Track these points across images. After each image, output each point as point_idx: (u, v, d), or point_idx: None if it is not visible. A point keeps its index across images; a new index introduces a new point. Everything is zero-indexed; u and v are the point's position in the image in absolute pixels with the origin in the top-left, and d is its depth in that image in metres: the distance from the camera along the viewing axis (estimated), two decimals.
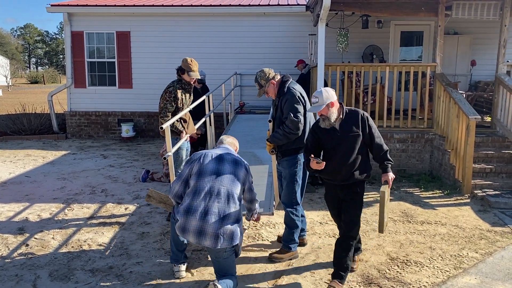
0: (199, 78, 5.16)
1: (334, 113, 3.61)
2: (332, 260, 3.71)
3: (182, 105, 5.03)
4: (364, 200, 6.21)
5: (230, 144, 3.93)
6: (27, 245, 4.67)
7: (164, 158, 4.06)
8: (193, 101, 5.49)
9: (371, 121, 3.74)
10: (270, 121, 4.30)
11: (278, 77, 4.31)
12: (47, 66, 71.40)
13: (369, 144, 3.74)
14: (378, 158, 3.75)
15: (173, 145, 4.62)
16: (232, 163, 3.64)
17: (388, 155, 3.73)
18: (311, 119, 4.28)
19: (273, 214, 4.48)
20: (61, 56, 74.39)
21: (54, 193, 6.56)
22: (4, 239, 4.82)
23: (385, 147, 3.78)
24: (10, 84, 36.50)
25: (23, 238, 4.86)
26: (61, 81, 46.09)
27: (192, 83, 5.09)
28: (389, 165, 3.71)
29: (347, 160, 3.62)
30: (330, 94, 3.61)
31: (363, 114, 3.71)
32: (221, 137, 4.03)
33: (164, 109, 4.92)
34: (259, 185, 4.96)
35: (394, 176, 3.72)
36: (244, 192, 3.74)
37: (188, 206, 3.46)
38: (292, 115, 4.07)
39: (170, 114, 4.93)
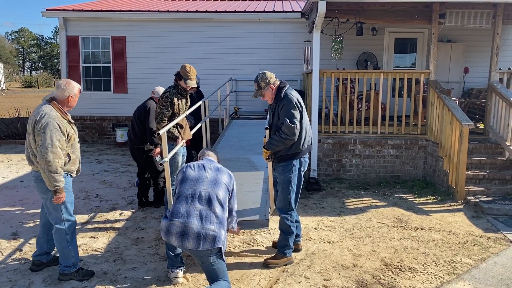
0: (195, 86, 5.19)
1: None
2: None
3: (179, 110, 5.05)
4: (357, 206, 6.27)
5: (213, 157, 4.03)
6: (21, 250, 4.64)
7: (161, 164, 4.07)
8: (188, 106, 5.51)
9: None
10: (267, 128, 4.31)
11: (278, 83, 4.34)
12: (41, 71, 71.13)
13: None
14: None
15: (169, 150, 4.63)
16: (214, 170, 3.74)
17: None
18: (307, 125, 4.31)
19: (268, 221, 4.48)
20: (56, 60, 74.12)
21: None
22: None
23: None
24: (4, 88, 36.30)
25: (17, 243, 4.83)
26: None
27: (188, 89, 5.12)
28: None
29: None
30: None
31: None
32: (203, 150, 4.10)
33: (160, 114, 4.94)
34: (254, 192, 4.97)
35: None
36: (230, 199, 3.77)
37: (172, 210, 3.55)
38: (288, 120, 4.09)
39: (167, 119, 4.95)
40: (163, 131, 4.16)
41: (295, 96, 4.22)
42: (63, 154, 3.78)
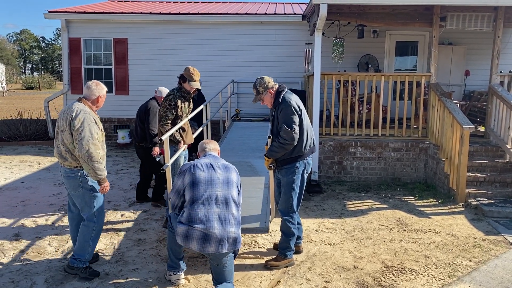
0: (199, 88, 5.22)
1: None
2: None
3: (182, 113, 5.07)
4: (358, 208, 6.29)
5: (214, 150, 3.96)
6: (23, 251, 4.66)
7: (162, 170, 4.08)
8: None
9: None
10: (269, 136, 4.31)
11: (276, 87, 4.35)
12: (42, 72, 71.24)
13: None
14: None
15: (171, 153, 4.65)
16: (223, 168, 3.71)
17: None
18: (309, 127, 4.32)
19: (268, 228, 4.43)
20: (57, 62, 74.33)
21: (50, 199, 6.55)
22: (0, 245, 4.81)
23: None
24: (5, 89, 36.38)
25: (19, 244, 4.85)
26: (56, 87, 45.98)
27: (191, 92, 5.14)
28: None
29: None
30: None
31: None
32: (202, 144, 3.98)
33: (164, 117, 4.96)
34: (255, 198, 4.91)
35: None
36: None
37: (188, 216, 3.49)
38: (285, 125, 4.10)
39: (170, 122, 4.97)
40: (165, 137, 4.18)
41: (294, 100, 4.22)
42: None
